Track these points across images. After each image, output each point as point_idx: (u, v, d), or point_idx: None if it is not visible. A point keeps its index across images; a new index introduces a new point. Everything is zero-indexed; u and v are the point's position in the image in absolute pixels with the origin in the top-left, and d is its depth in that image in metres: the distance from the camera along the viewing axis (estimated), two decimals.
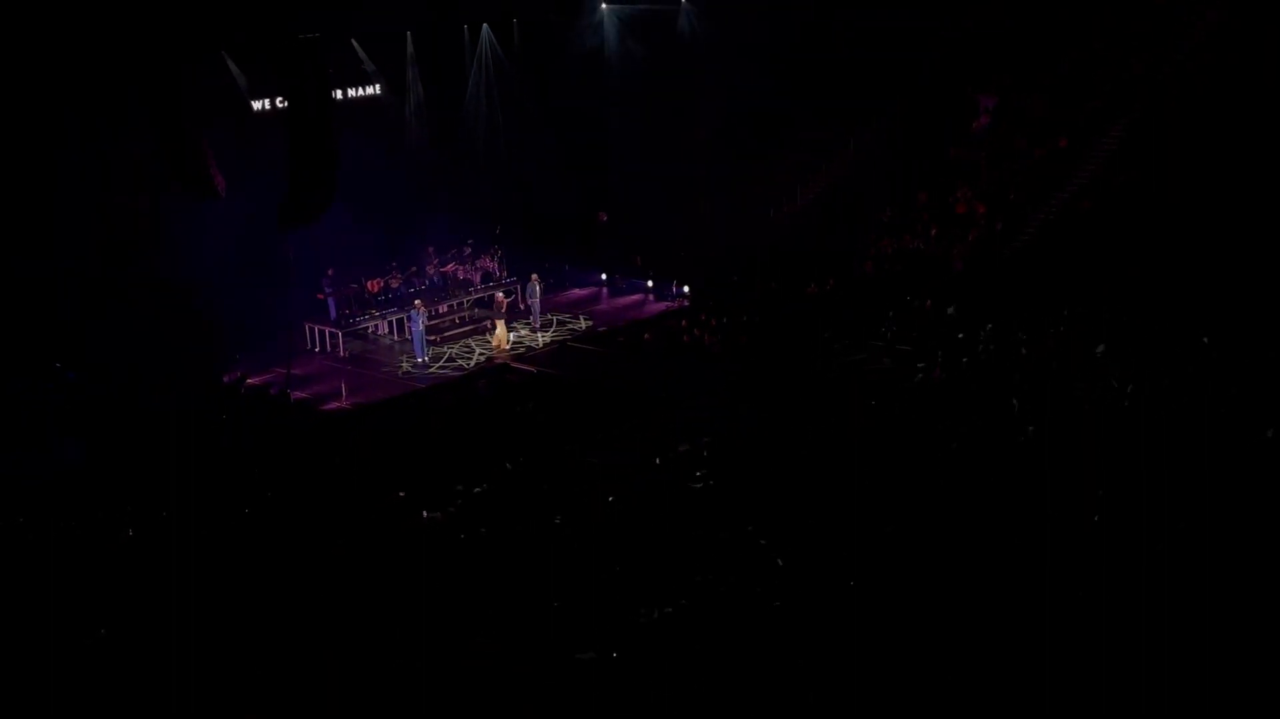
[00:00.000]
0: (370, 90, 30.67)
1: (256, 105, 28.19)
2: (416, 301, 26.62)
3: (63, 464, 18.90)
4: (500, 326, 26.58)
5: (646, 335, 25.82)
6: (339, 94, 29.65)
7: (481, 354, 26.43)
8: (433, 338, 27.08)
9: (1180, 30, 28.14)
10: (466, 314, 29.19)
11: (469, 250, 30.28)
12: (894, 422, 18.80)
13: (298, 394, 23.95)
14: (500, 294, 27.39)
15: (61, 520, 16.15)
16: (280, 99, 28.25)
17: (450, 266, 29.81)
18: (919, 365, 21.21)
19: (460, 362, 26.03)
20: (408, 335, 26.96)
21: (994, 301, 23.56)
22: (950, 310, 23.60)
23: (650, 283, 30.70)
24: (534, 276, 28.16)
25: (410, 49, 31.15)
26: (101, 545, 15.48)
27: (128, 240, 25.62)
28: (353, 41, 29.89)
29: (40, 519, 16.23)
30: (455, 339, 27.61)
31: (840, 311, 24.90)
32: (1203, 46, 27.54)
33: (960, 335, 22.19)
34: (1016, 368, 20.42)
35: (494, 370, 25.17)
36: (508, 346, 26.40)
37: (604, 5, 32.90)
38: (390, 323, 27.98)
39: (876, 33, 29.84)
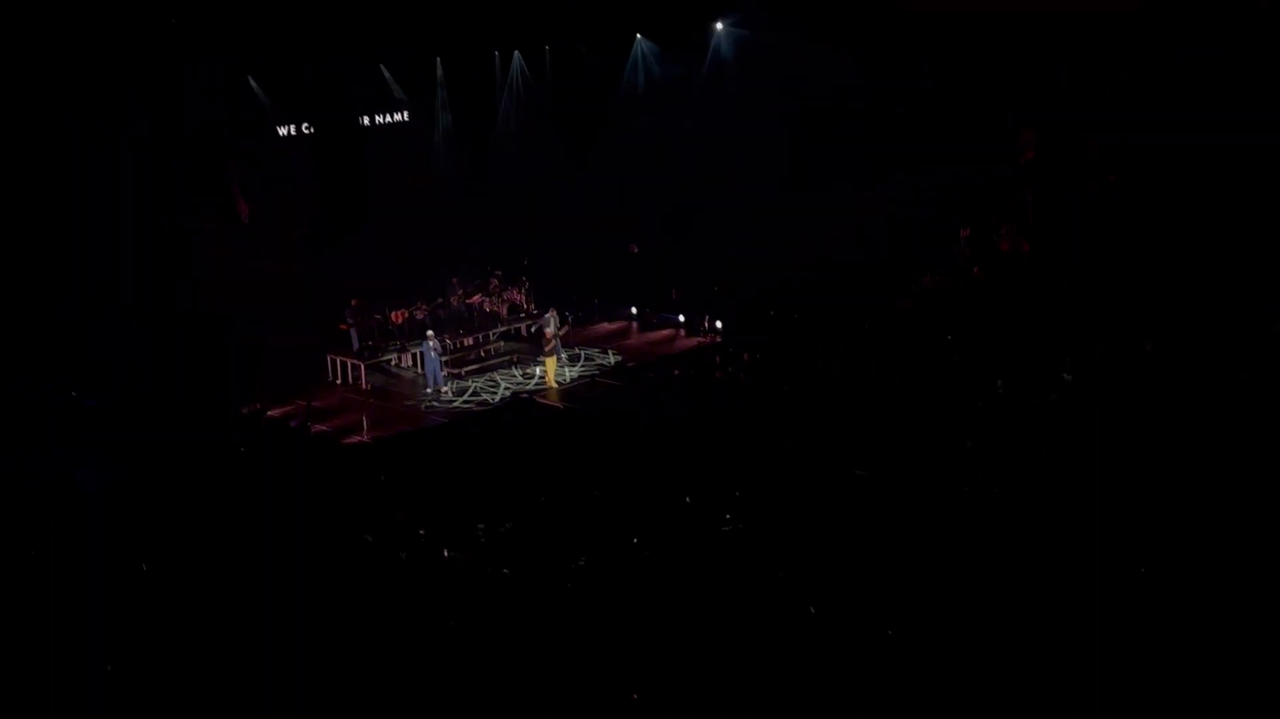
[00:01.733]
0: (398, 116, 31.06)
1: (282, 131, 28.63)
2: (429, 333, 26.95)
3: (80, 488, 19.21)
4: (550, 363, 26.79)
5: (677, 371, 25.88)
6: (366, 120, 30.14)
7: (507, 389, 26.63)
8: (456, 371, 27.30)
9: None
10: (492, 347, 29.40)
11: (496, 282, 30.53)
12: (934, 464, 18.82)
13: (318, 427, 24.19)
14: (548, 329, 27.63)
15: (76, 547, 16.39)
16: (306, 124, 28.76)
17: (476, 298, 30.08)
18: (962, 405, 21.21)
19: (485, 396, 26.24)
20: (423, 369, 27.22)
21: (1037, 341, 23.55)
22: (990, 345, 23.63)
23: (682, 317, 30.83)
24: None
25: (440, 74, 31.58)
26: (114, 576, 15.67)
27: (149, 264, 26.00)
28: (380, 67, 30.34)
29: (55, 543, 16.51)
30: (480, 373, 27.84)
31: (879, 348, 24.90)
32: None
33: (1000, 380, 22.18)
34: (1060, 409, 20.36)
35: (519, 406, 25.34)
36: (566, 381, 26.61)
37: (638, 35, 33.24)
38: (413, 355, 28.25)
39: (920, 62, 29.99)
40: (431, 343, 26.65)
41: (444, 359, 27.05)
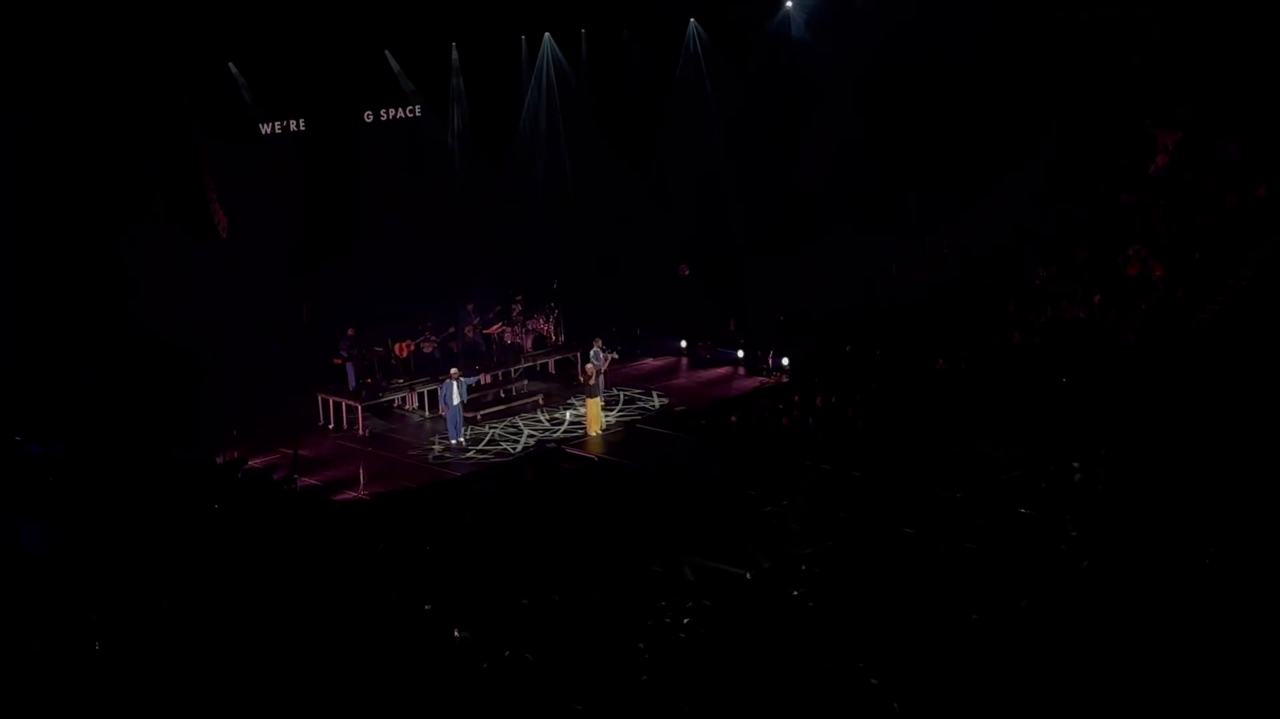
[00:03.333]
0: (406, 111, 31.16)
1: (266, 128, 28.75)
2: (453, 370, 26.78)
3: (20, 553, 19.24)
4: (593, 406, 26.71)
5: (735, 417, 25.81)
6: (368, 115, 30.26)
7: (531, 436, 26.57)
8: (471, 414, 27.28)
9: None
10: (514, 386, 29.37)
11: (519, 309, 30.52)
12: (1036, 536, 18.69)
13: (305, 480, 24.12)
14: (590, 364, 27.50)
15: (15, 626, 16.41)
16: (295, 120, 28.91)
17: (495, 328, 30.06)
18: (1075, 465, 21.02)
19: (505, 445, 26.21)
20: (441, 411, 27.18)
21: (1174, 386, 23.32)
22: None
23: (741, 353, 30.77)
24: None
25: (455, 61, 31.69)
26: (61, 659, 15.68)
27: (106, 284, 26.10)
28: (386, 52, 30.48)
29: None
30: (499, 417, 27.82)
31: (978, 393, 24.75)
32: None
33: (1130, 430, 21.96)
34: (1206, 474, 20.11)
35: (545, 457, 25.26)
36: (602, 430, 26.58)
37: (692, 19, 33.30)
38: (420, 395, 28.23)
39: (1028, 50, 29.90)
40: (455, 383, 26.37)
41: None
